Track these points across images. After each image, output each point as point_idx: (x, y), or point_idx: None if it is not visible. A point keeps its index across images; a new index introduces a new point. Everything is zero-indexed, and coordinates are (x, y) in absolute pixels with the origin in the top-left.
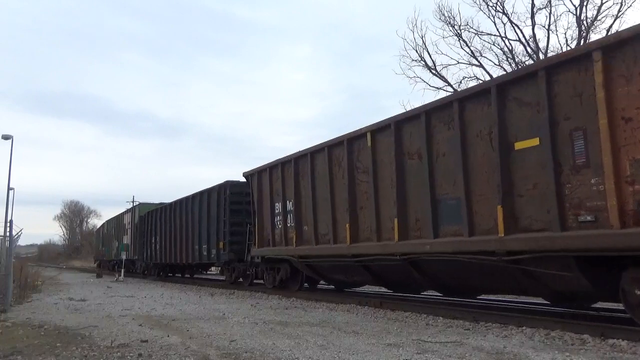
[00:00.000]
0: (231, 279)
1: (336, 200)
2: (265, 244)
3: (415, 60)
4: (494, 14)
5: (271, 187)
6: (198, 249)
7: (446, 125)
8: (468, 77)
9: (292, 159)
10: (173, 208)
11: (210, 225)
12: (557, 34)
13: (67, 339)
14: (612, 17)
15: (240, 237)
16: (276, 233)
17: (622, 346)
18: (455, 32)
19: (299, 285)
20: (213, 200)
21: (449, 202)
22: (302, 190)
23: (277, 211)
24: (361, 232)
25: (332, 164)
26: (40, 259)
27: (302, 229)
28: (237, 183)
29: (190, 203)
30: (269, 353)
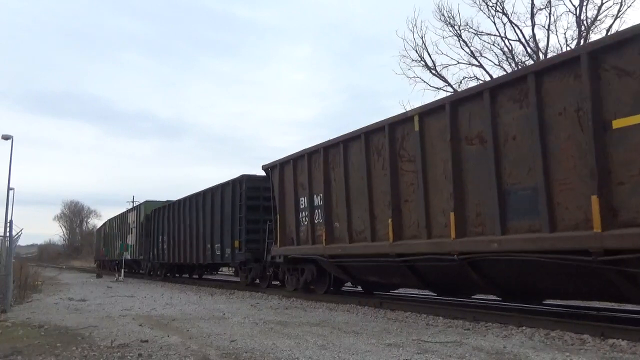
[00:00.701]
0: (247, 280)
1: (375, 193)
2: (289, 243)
3: (415, 61)
4: (493, 14)
5: (295, 181)
6: (210, 248)
7: (517, 104)
8: (468, 77)
9: (320, 149)
10: (182, 205)
11: (224, 222)
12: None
13: (67, 339)
14: (612, 17)
15: (257, 235)
16: (301, 230)
17: (622, 346)
18: (455, 32)
19: (327, 288)
20: (227, 196)
21: (521, 193)
22: (333, 183)
23: (302, 206)
24: (406, 228)
25: (370, 153)
26: (40, 259)
27: (333, 225)
28: (253, 177)
29: (202, 199)
30: (269, 353)
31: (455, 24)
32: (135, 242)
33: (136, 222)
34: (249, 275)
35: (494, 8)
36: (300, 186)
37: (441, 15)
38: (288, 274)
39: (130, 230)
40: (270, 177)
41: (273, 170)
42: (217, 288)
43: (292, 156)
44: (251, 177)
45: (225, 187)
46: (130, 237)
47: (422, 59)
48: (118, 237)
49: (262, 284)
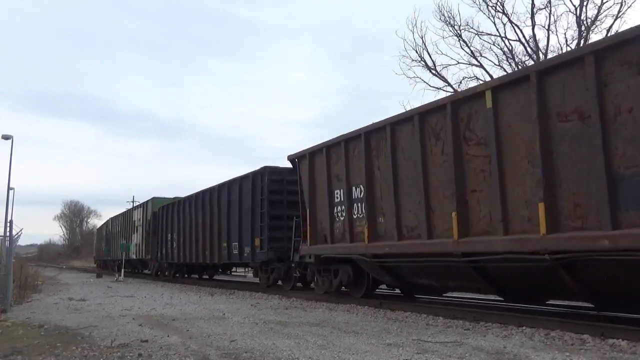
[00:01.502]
0: (268, 282)
1: (432, 183)
2: (321, 241)
3: (415, 61)
4: (493, 14)
5: (329, 171)
6: (227, 247)
7: (631, 69)
8: (468, 77)
9: (360, 134)
10: (194, 201)
11: (242, 219)
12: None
13: (67, 339)
14: (612, 17)
15: (281, 232)
16: (336, 227)
17: (622, 346)
18: (455, 32)
19: (365, 290)
20: (246, 189)
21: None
22: (377, 173)
23: (337, 200)
24: (474, 223)
25: (425, 137)
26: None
27: (376, 220)
28: (277, 169)
29: (217, 194)
30: (269, 353)
31: (455, 24)
32: (142, 241)
33: (142, 220)
34: (271, 277)
35: (494, 8)
36: (335, 177)
37: (441, 15)
38: (318, 276)
39: (136, 228)
40: (298, 168)
41: (301, 161)
42: (217, 288)
43: (325, 144)
44: (274, 168)
45: (244, 180)
46: (135, 236)
47: (422, 59)
48: (122, 236)
49: (286, 285)
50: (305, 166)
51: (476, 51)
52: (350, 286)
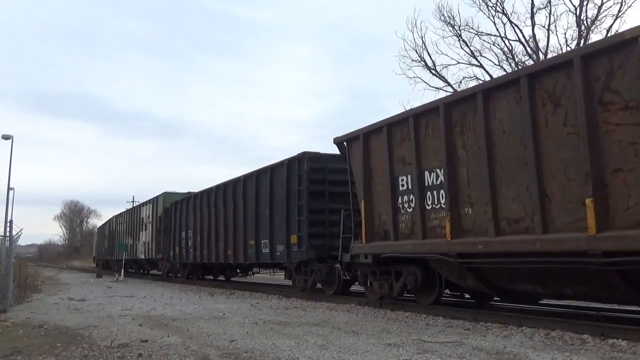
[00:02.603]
0: (306, 285)
1: (548, 162)
2: (379, 237)
3: (415, 61)
4: (493, 14)
5: (391, 154)
6: (254, 245)
7: None
8: (468, 77)
9: (438, 107)
10: (214, 195)
11: (274, 214)
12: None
13: (67, 339)
14: (612, 16)
15: (322, 228)
16: (401, 221)
17: (622, 346)
18: (455, 32)
19: (436, 296)
20: (279, 180)
21: None
22: (462, 153)
23: (403, 188)
24: (619, 212)
25: (538, 104)
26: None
27: (461, 212)
28: (317, 155)
29: (242, 187)
30: (269, 353)
31: (455, 24)
32: (151, 240)
33: (152, 217)
34: (309, 280)
35: (494, 8)
36: (400, 161)
37: (441, 15)
38: (373, 279)
39: (144, 226)
40: (348, 152)
41: (352, 144)
42: (217, 288)
43: (385, 122)
44: (314, 154)
45: (276, 169)
46: (143, 234)
47: (422, 59)
48: (128, 235)
49: (327, 289)
50: (358, 150)
51: (476, 51)
52: (417, 291)
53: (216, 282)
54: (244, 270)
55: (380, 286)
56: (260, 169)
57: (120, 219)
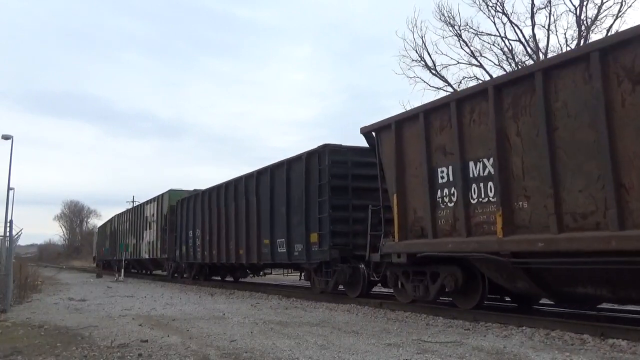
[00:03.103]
0: (327, 287)
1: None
2: (414, 235)
3: (415, 61)
4: (493, 14)
5: (428, 144)
6: (269, 244)
7: None
8: (468, 77)
9: (486, 89)
10: (225, 191)
11: (291, 210)
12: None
13: (67, 339)
14: (612, 16)
15: (345, 226)
16: (440, 216)
17: (622, 346)
18: (455, 32)
19: (478, 300)
20: (297, 174)
21: None
22: (515, 140)
23: (443, 180)
24: None
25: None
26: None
27: (514, 206)
28: (339, 148)
29: (255, 182)
30: (269, 353)
31: (455, 24)
32: (156, 239)
33: (157, 215)
34: (331, 281)
35: (494, 8)
36: (440, 151)
37: (441, 15)
38: (404, 280)
39: (149, 224)
40: (377, 143)
41: (382, 133)
42: (217, 288)
43: (422, 108)
44: (336, 147)
45: (293, 163)
46: (148, 233)
47: (422, 59)
48: (131, 234)
49: (351, 291)
50: (389, 140)
51: (476, 51)
52: (457, 294)
53: (223, 282)
54: (255, 271)
55: (414, 288)
56: (275, 163)
57: (123, 217)
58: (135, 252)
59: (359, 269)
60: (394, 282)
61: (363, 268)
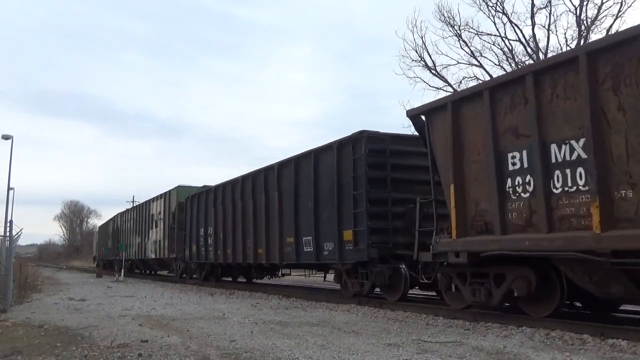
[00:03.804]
0: (362, 289)
1: None
2: (477, 231)
3: (415, 61)
4: (493, 14)
5: (495, 125)
6: (293, 243)
7: None
8: (468, 77)
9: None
10: (242, 185)
11: (320, 205)
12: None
13: (67, 339)
14: (612, 16)
15: (384, 222)
16: (511, 209)
17: (622, 346)
18: (455, 32)
19: (556, 306)
20: (327, 165)
21: None
22: (615, 117)
23: (514, 167)
24: None
25: None
26: (40, 259)
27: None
28: (377, 135)
29: (276, 175)
30: (269, 353)
31: (455, 24)
32: (163, 238)
33: (164, 213)
34: (367, 283)
35: (494, 8)
36: (510, 133)
37: (441, 15)
38: (461, 282)
39: (155, 223)
40: (427, 127)
41: (434, 116)
42: (217, 288)
43: (486, 85)
44: (374, 134)
45: (322, 154)
46: (154, 232)
47: (422, 59)
48: (135, 233)
49: (389, 295)
50: (443, 122)
51: (476, 51)
52: (527, 300)
53: (224, 283)
54: (272, 272)
55: (474, 292)
56: (300, 154)
57: (127, 216)
58: (140, 251)
59: (399, 270)
60: (446, 285)
61: (404, 269)
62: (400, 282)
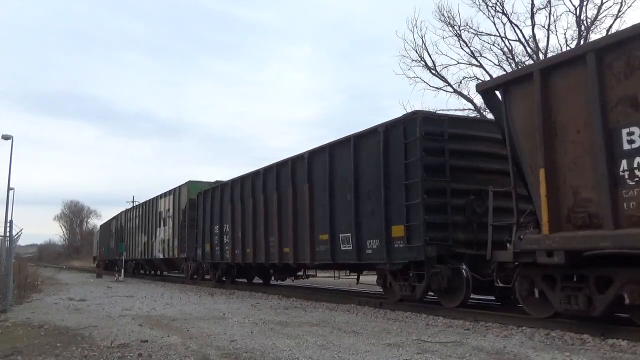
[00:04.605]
0: (414, 293)
1: None
2: (577, 225)
3: (415, 61)
4: (493, 14)
5: (603, 97)
6: (328, 240)
7: None
8: (468, 77)
9: None
10: (264, 178)
11: (362, 197)
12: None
13: (67, 339)
14: (612, 16)
15: (443, 216)
16: (627, 197)
17: (622, 346)
18: (455, 32)
19: None
20: (371, 152)
21: None
22: None
23: (631, 146)
24: None
25: None
26: (40, 259)
27: None
28: (433, 116)
29: (306, 165)
30: (269, 353)
31: (455, 24)
32: (172, 236)
33: (173, 210)
34: (420, 286)
35: (494, 8)
36: (625, 104)
37: (441, 15)
38: (547, 287)
39: (163, 220)
40: (504, 103)
41: (513, 90)
42: (217, 288)
43: (588, 47)
44: (430, 115)
45: (364, 139)
46: (162, 230)
47: (422, 59)
48: (141, 232)
49: (447, 300)
50: (527, 97)
51: (476, 51)
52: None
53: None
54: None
55: (568, 299)
56: (334, 141)
57: (132, 213)
58: (146, 251)
59: (460, 271)
60: (527, 290)
61: (466, 270)
62: (460, 285)
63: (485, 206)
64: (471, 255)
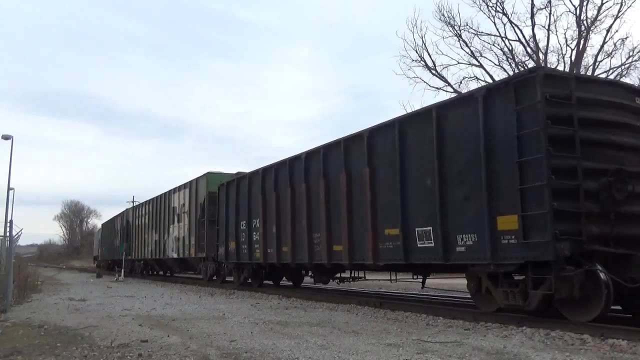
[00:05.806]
0: (525, 302)
1: None
2: None
3: (415, 61)
4: (493, 14)
5: None
6: (400, 235)
7: None
8: (468, 77)
9: None
10: (305, 164)
11: (448, 181)
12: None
13: (67, 339)
14: (612, 17)
15: (573, 203)
16: None
17: (622, 346)
18: (455, 32)
19: None
20: (464, 123)
21: None
22: None
23: None
24: None
25: None
26: (40, 259)
27: None
28: (558, 73)
29: (366, 145)
30: (269, 353)
31: (455, 24)
32: (188, 234)
33: (189, 205)
34: (536, 294)
35: (494, 8)
36: None
37: (441, 15)
38: None
39: (177, 217)
40: None
41: None
42: (217, 288)
43: None
44: (554, 72)
45: (450, 109)
46: (176, 228)
47: (422, 59)
48: (152, 229)
49: (578, 313)
50: None
51: (476, 51)
52: None
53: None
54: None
55: None
56: (405, 115)
57: (141, 210)
58: (157, 250)
59: (598, 276)
60: None
61: (605, 274)
62: (597, 293)
63: (626, 191)
64: (610, 254)
